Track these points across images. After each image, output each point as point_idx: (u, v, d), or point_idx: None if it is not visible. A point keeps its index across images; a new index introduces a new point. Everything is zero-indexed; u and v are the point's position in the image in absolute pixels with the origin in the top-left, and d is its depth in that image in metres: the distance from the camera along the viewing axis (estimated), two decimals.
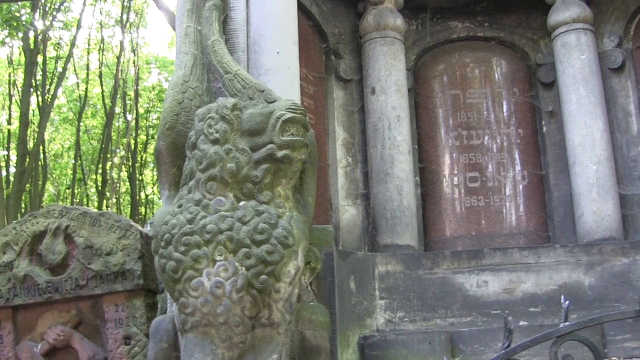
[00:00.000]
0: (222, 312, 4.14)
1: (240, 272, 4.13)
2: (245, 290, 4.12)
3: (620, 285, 6.97)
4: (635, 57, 8.01)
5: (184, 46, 5.36)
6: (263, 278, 4.14)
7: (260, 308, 4.20)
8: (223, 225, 4.21)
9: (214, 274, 4.15)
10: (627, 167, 7.77)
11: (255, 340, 4.26)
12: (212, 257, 4.17)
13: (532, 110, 8.26)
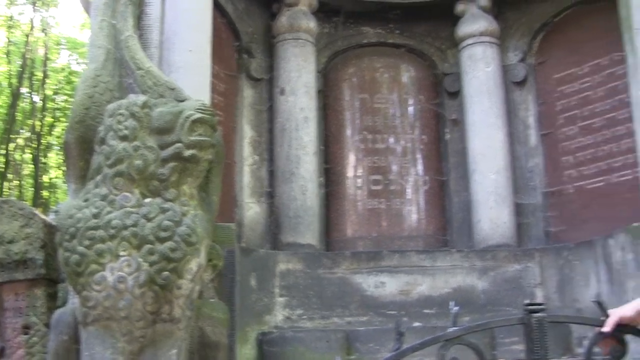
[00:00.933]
0: (124, 306, 4.17)
1: (143, 268, 4.17)
2: (147, 286, 4.16)
3: (511, 290, 7.25)
4: (537, 72, 8.30)
5: (97, 40, 5.31)
6: (165, 274, 4.19)
7: (161, 304, 4.24)
8: (128, 221, 4.24)
9: (117, 269, 4.17)
10: (525, 177, 8.05)
11: (156, 335, 4.31)
12: (116, 252, 4.18)
13: (436, 118, 8.48)
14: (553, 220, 7.86)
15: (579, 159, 7.77)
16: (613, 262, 6.56)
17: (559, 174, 7.91)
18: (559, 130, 7.98)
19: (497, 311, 7.05)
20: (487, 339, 6.66)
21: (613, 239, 6.56)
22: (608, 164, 7.52)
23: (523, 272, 7.35)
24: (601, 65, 7.76)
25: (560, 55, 8.13)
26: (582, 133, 7.78)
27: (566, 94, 7.98)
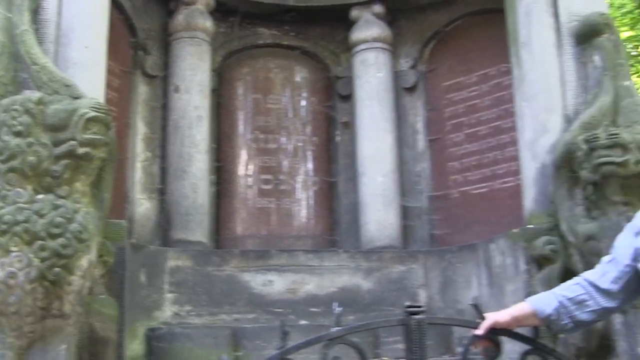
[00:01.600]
0: (14, 302, 4.17)
1: (34, 263, 4.17)
2: (38, 281, 4.16)
3: (396, 290, 7.43)
4: (427, 79, 8.51)
5: None
6: (56, 271, 4.20)
7: (52, 300, 4.24)
8: (20, 217, 4.23)
9: (8, 265, 4.16)
10: (412, 181, 8.25)
11: (46, 331, 4.31)
12: (7, 247, 4.17)
13: (328, 120, 8.63)
14: (438, 224, 8.09)
15: (465, 165, 8.01)
16: (493, 266, 6.79)
17: (445, 179, 8.13)
18: (447, 136, 8.21)
19: (382, 311, 7.21)
20: (371, 338, 6.83)
21: (494, 244, 6.79)
22: (492, 170, 7.78)
23: (407, 273, 7.55)
24: (489, 75, 8.02)
25: (450, 64, 8.37)
26: (469, 140, 8.02)
27: (454, 101, 8.22)
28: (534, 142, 6.59)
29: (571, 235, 5.90)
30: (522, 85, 6.85)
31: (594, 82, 6.54)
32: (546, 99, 6.61)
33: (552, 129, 6.52)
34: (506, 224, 7.04)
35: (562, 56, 6.72)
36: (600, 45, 6.53)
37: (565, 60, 6.71)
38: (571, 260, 5.95)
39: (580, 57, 6.72)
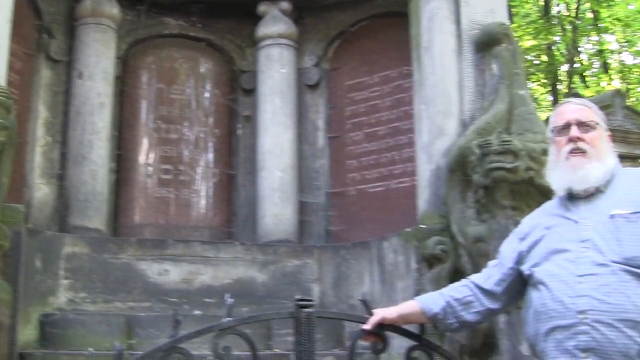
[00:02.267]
0: None
1: None
2: None
3: (290, 284, 7.50)
4: (330, 77, 8.60)
5: None
6: None
7: None
8: None
9: None
10: (310, 177, 8.33)
11: None
12: None
13: (230, 113, 8.64)
14: (334, 220, 8.20)
15: (363, 164, 8.13)
16: (386, 264, 6.93)
17: (343, 176, 8.25)
18: (346, 134, 8.33)
19: (275, 304, 7.27)
20: (264, 330, 6.91)
21: (387, 242, 6.93)
22: (389, 170, 7.91)
23: (302, 268, 7.64)
24: (390, 76, 8.16)
25: (354, 64, 8.48)
26: (368, 139, 8.15)
27: (356, 100, 8.33)
28: (430, 144, 6.76)
29: (461, 236, 6.08)
30: (421, 88, 7.02)
31: (490, 90, 6.75)
32: (444, 103, 6.79)
33: (448, 132, 6.71)
34: (400, 223, 7.18)
35: (462, 62, 6.91)
36: (499, 54, 6.74)
37: (465, 67, 6.90)
38: (460, 260, 6.13)
39: (479, 64, 6.92)
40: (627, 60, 26.84)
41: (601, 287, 2.84)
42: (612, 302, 2.80)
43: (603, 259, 2.88)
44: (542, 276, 3.03)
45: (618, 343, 2.77)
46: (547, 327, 2.96)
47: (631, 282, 2.83)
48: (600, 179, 3.10)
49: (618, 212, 2.97)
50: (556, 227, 3.14)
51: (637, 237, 2.89)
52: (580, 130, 3.14)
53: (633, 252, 2.87)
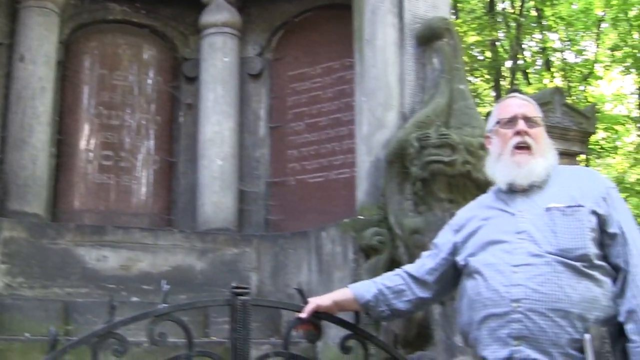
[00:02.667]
0: None
1: None
2: None
3: (228, 272, 7.51)
4: (273, 67, 8.62)
5: None
6: None
7: None
8: None
9: None
10: (251, 166, 8.34)
11: None
12: None
13: (172, 100, 8.61)
14: (274, 210, 8.24)
15: (303, 154, 8.19)
16: (323, 254, 6.99)
17: (283, 166, 8.29)
18: (288, 124, 8.37)
19: (213, 292, 7.27)
20: (202, 318, 6.97)
21: (325, 232, 6.98)
22: (329, 161, 7.98)
23: (240, 256, 7.66)
24: (333, 68, 8.21)
25: (296, 54, 8.52)
26: (309, 130, 8.21)
27: (298, 91, 8.38)
28: (370, 136, 6.84)
29: (398, 228, 6.16)
30: (362, 80, 7.09)
31: (431, 83, 6.85)
32: (384, 96, 6.87)
33: (388, 125, 6.79)
34: (339, 213, 7.26)
35: (403, 56, 7.00)
36: (440, 48, 6.83)
37: (406, 60, 6.98)
38: (397, 252, 6.22)
39: (420, 58, 7.02)
40: (570, 59, 27.28)
41: (535, 277, 2.91)
42: (545, 291, 2.88)
43: (538, 250, 2.96)
44: (478, 265, 3.10)
45: (549, 332, 2.85)
46: (481, 315, 3.03)
47: (564, 273, 2.91)
48: (542, 175, 3.17)
49: (554, 205, 3.05)
50: (492, 219, 3.20)
51: (572, 230, 2.98)
52: (527, 125, 3.22)
53: (568, 244, 2.95)
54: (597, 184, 3.16)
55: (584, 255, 2.94)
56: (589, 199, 3.05)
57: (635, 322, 2.89)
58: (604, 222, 3.03)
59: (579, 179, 3.18)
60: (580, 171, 3.33)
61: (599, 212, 3.03)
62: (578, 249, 2.95)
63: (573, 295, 2.88)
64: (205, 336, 6.95)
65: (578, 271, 2.92)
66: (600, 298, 2.92)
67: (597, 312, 2.90)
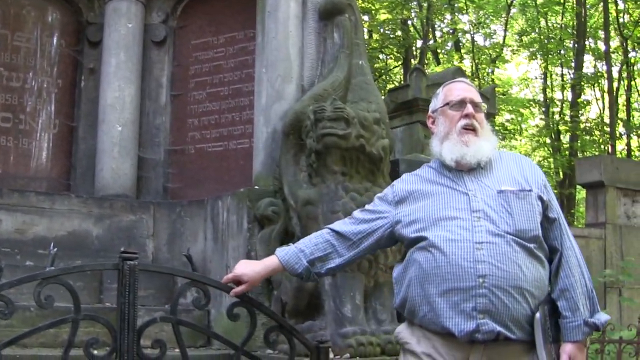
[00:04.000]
0: None
1: None
2: None
3: (125, 239, 7.50)
4: (177, 35, 8.57)
5: None
6: None
7: None
8: None
9: None
10: (151, 133, 8.31)
11: None
12: None
13: (75, 64, 8.50)
14: (172, 177, 8.23)
15: (204, 123, 8.19)
16: (219, 222, 7.05)
17: (184, 135, 8.29)
18: (189, 93, 8.35)
19: (109, 257, 7.11)
20: (96, 283, 6.99)
21: (221, 201, 7.04)
22: (229, 131, 8.00)
23: (137, 223, 7.65)
24: (236, 38, 8.20)
25: (201, 23, 8.48)
26: (210, 99, 8.20)
27: (200, 60, 8.35)
28: (269, 107, 6.93)
29: (292, 199, 6.27)
30: (263, 52, 7.16)
31: (330, 58, 6.97)
32: (284, 68, 6.97)
33: (286, 97, 6.90)
34: (237, 183, 7.37)
35: (305, 29, 7.11)
36: (341, 23, 6.95)
37: (307, 34, 7.09)
38: (291, 222, 6.33)
39: (321, 32, 7.15)
40: (479, 42, 27.81)
41: (498, 255, 3.09)
42: (507, 270, 3.08)
43: (497, 230, 3.14)
44: (434, 240, 3.19)
45: (511, 308, 3.06)
46: (440, 288, 3.13)
47: (520, 253, 3.13)
48: (486, 156, 3.33)
49: (507, 188, 3.26)
50: (440, 195, 3.33)
51: (526, 212, 3.22)
52: (474, 109, 3.36)
53: (523, 225, 3.18)
54: (536, 171, 3.42)
55: (535, 237, 3.21)
56: (533, 185, 3.31)
57: (567, 300, 3.21)
58: (547, 207, 3.30)
59: (520, 166, 3.42)
60: (519, 158, 3.53)
61: (543, 198, 3.29)
62: (531, 230, 3.20)
63: (528, 274, 3.12)
64: (100, 302, 6.96)
65: (530, 252, 3.17)
66: (544, 277, 3.22)
67: (542, 290, 3.19)
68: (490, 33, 27.61)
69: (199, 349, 6.65)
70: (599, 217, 11.64)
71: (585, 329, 3.19)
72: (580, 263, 3.28)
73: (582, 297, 3.22)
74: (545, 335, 3.13)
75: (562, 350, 3.20)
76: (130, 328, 3.38)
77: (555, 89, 28.85)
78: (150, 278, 7.02)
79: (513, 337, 3.08)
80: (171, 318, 3.61)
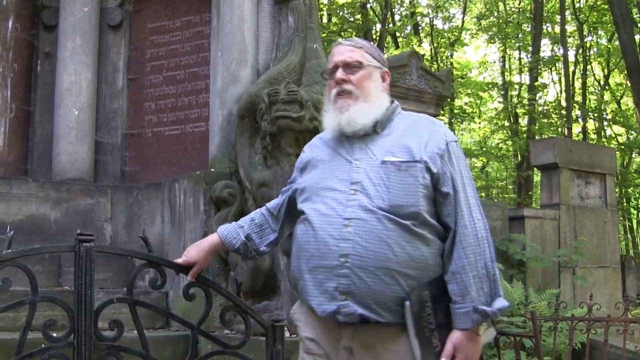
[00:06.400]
0: None
1: None
2: None
3: (82, 223, 7.51)
4: (133, 19, 8.57)
5: None
6: None
7: None
8: None
9: None
10: (108, 117, 8.33)
11: None
12: None
13: (30, 49, 8.46)
14: (130, 161, 8.27)
15: (160, 107, 8.23)
16: (176, 205, 7.11)
17: (141, 118, 8.32)
18: (146, 77, 8.39)
19: (67, 241, 7.15)
20: (54, 267, 7.01)
21: (178, 184, 7.10)
22: (185, 114, 8.05)
23: (95, 207, 7.67)
24: (192, 22, 8.24)
25: (157, 7, 8.50)
26: (166, 83, 8.25)
27: (157, 44, 8.38)
28: (224, 91, 6.99)
29: (247, 180, 6.35)
30: (218, 35, 7.22)
31: (285, 41, 7.04)
32: (239, 52, 7.03)
33: (242, 80, 6.96)
34: (194, 166, 7.44)
35: (260, 13, 7.18)
36: (295, 7, 7.02)
37: (262, 18, 7.17)
38: (247, 204, 6.40)
39: (276, 16, 7.21)
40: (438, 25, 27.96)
41: (365, 234, 2.88)
42: (373, 249, 2.85)
43: (371, 205, 2.91)
44: (309, 212, 3.05)
45: (375, 289, 2.83)
46: (309, 265, 2.99)
47: (394, 231, 2.87)
48: (368, 120, 3.09)
49: (389, 159, 2.99)
50: (329, 162, 3.15)
51: (404, 186, 2.93)
52: (347, 72, 3.13)
53: (399, 200, 2.91)
54: (437, 137, 3.07)
55: (414, 213, 2.92)
56: (425, 153, 2.99)
57: (457, 283, 2.90)
58: (438, 180, 2.98)
59: (419, 130, 3.10)
60: (422, 121, 3.19)
61: (432, 170, 2.97)
62: (409, 206, 2.92)
63: (401, 254, 2.86)
64: (59, 286, 6.99)
65: (408, 229, 2.89)
66: (428, 257, 2.91)
67: (424, 271, 2.90)
68: (449, 17, 27.76)
69: (158, 331, 6.71)
70: (553, 198, 11.82)
71: (475, 316, 2.87)
72: (479, 243, 2.94)
73: (476, 281, 2.90)
74: (420, 322, 2.87)
75: (449, 338, 2.91)
76: (88, 310, 3.39)
77: (514, 72, 29.14)
78: (109, 261, 7.07)
79: (382, 320, 2.87)
80: (127, 298, 3.61)
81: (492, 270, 2.93)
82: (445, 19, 27.57)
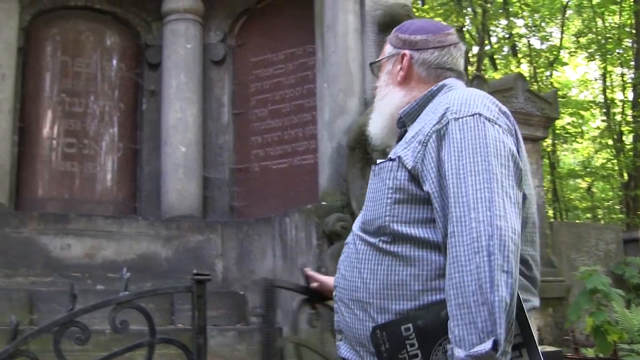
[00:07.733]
0: None
1: None
2: None
3: (193, 259, 7.52)
4: (235, 54, 8.62)
5: None
6: None
7: None
8: None
9: None
10: (214, 152, 8.37)
11: None
12: None
13: (135, 87, 8.58)
14: (238, 196, 8.27)
15: (267, 140, 8.21)
16: (287, 239, 7.02)
17: (247, 153, 8.32)
18: (251, 111, 8.38)
19: (179, 278, 7.26)
20: (167, 305, 6.97)
21: (289, 218, 7.01)
22: (292, 147, 8.01)
23: (205, 243, 7.67)
24: (295, 54, 8.22)
25: (259, 40, 8.51)
26: (272, 116, 8.22)
27: (261, 77, 8.38)
28: (332, 122, 6.88)
29: None
30: (324, 66, 7.13)
31: None
32: (346, 82, 6.92)
33: (349, 111, 6.85)
34: (303, 199, 7.33)
35: (364, 42, 7.06)
36: None
37: (367, 46, 7.04)
38: None
39: (381, 44, 7.03)
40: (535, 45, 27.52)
41: (344, 261, 2.41)
42: (349, 279, 2.34)
43: (355, 226, 2.44)
44: None
45: (352, 326, 2.30)
46: None
47: (364, 253, 2.29)
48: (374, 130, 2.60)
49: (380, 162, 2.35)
50: None
51: (374, 195, 2.32)
52: None
53: (369, 214, 2.32)
54: (434, 118, 2.23)
55: (381, 228, 2.24)
56: (406, 145, 2.26)
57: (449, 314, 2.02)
58: (416, 177, 2.20)
59: (427, 115, 2.32)
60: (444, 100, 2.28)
61: (407, 166, 2.21)
62: (376, 219, 2.27)
63: (371, 281, 2.24)
64: (171, 323, 6.96)
65: (378, 249, 2.25)
66: (409, 281, 2.16)
67: (408, 300, 2.16)
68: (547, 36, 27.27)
69: None
70: None
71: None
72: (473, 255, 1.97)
73: (462, 312, 1.96)
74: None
75: None
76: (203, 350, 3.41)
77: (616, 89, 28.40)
78: (220, 297, 7.03)
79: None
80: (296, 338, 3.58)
81: (491, 296, 1.92)
82: (542, 38, 27.11)
